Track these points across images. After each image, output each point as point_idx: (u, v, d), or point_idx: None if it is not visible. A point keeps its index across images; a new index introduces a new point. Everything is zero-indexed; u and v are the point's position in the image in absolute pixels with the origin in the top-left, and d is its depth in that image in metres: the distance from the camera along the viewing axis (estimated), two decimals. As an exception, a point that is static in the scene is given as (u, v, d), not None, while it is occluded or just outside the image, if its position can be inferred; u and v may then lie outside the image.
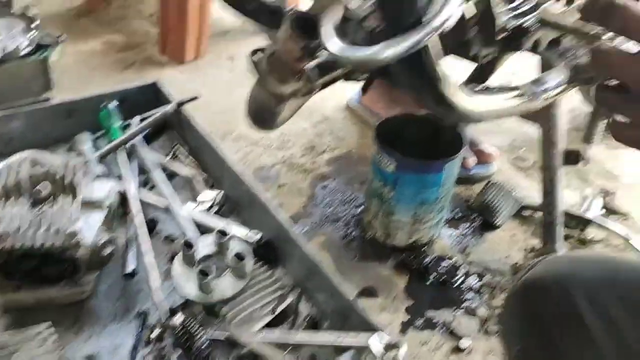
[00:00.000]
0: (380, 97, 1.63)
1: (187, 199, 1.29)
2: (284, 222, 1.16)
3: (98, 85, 1.60)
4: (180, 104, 1.43)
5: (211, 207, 1.28)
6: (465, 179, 1.50)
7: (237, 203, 1.29)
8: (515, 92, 0.84)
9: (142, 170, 1.33)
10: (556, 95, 0.92)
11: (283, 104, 0.82)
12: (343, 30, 0.56)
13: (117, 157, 1.31)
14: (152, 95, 1.50)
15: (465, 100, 0.67)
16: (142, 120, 1.40)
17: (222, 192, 1.29)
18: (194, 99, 1.45)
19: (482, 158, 1.52)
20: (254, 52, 0.76)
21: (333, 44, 0.51)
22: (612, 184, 1.55)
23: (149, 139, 1.43)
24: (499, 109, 0.77)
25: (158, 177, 1.29)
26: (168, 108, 1.38)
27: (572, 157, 1.18)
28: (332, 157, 1.57)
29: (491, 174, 1.53)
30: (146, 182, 1.32)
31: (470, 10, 0.73)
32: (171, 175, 1.36)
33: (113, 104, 1.40)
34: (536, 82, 0.89)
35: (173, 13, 1.79)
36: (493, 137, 1.63)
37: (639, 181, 1.57)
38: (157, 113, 1.39)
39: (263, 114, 0.88)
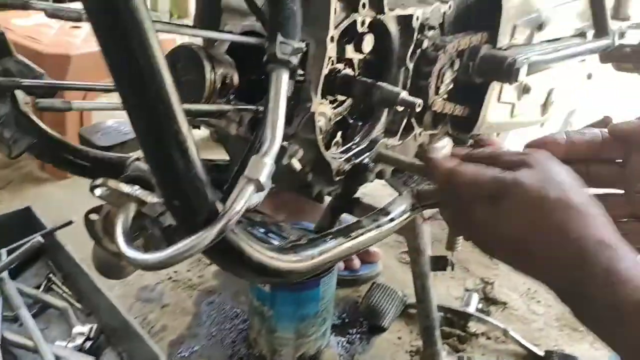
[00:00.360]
0: (265, 204, 1.64)
1: (62, 332, 1.24)
2: (160, 354, 1.12)
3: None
4: (53, 231, 1.38)
5: (86, 340, 1.23)
6: (352, 281, 1.52)
7: (113, 333, 1.24)
8: (360, 230, 0.85)
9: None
10: (403, 221, 0.95)
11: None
12: (141, 225, 0.56)
13: (-19, 296, 1.24)
14: (26, 221, 1.45)
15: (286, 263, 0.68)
16: (9, 252, 1.33)
17: (96, 325, 1.24)
18: (68, 223, 1.41)
19: (367, 258, 1.55)
20: (89, 212, 0.75)
21: (125, 250, 0.51)
22: (491, 273, 1.62)
23: (19, 270, 1.36)
24: (338, 254, 0.79)
25: (24, 315, 1.23)
26: (36, 239, 1.33)
27: (441, 263, 1.22)
28: (219, 269, 1.55)
29: (377, 273, 1.56)
30: (17, 319, 1.26)
31: (296, 164, 0.76)
32: (45, 307, 1.30)
33: (-22, 237, 1.34)
34: (381, 212, 0.92)
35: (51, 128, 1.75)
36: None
37: (516, 268, 1.64)
38: (27, 244, 1.33)
39: (109, 268, 0.86)
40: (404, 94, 0.80)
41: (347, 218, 1.02)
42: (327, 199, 1.09)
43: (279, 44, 0.58)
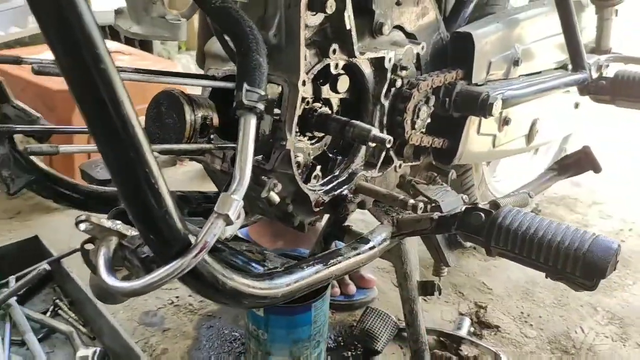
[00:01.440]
0: (265, 231, 1.70)
1: (66, 356, 1.29)
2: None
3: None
4: (60, 258, 1.45)
5: (89, 364, 1.28)
6: (347, 306, 1.57)
7: (116, 356, 1.30)
8: (339, 258, 0.90)
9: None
10: (384, 249, 1.00)
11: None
12: (121, 256, 0.62)
13: (-10, 322, 1.31)
14: (34, 249, 1.52)
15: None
16: (18, 278, 1.40)
17: (99, 348, 1.29)
18: (74, 251, 1.47)
19: (362, 284, 1.59)
20: (85, 242, 0.81)
21: (106, 278, 0.57)
22: (484, 297, 1.65)
23: (27, 296, 1.43)
24: (315, 280, 0.84)
25: (30, 339, 1.29)
26: (43, 266, 1.40)
27: (429, 288, 1.26)
28: (219, 294, 1.60)
29: (372, 299, 1.60)
30: (24, 343, 1.32)
31: (275, 197, 0.81)
32: (51, 332, 1.36)
33: (-11, 265, 1.41)
34: (361, 240, 0.98)
35: (59, 159, 1.84)
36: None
37: (509, 293, 1.67)
38: (35, 271, 1.40)
39: (106, 294, 0.92)
40: (375, 131, 0.86)
41: (340, 245, 1.08)
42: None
43: (245, 91, 0.65)
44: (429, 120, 1.08)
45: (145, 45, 3.10)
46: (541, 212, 2.10)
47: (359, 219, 1.83)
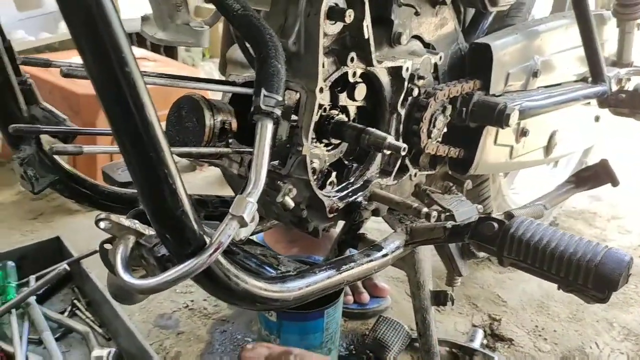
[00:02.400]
0: (281, 237, 1.72)
1: (82, 356, 1.32)
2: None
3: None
4: (80, 259, 1.48)
5: (104, 364, 1.30)
6: (360, 314, 1.57)
7: (131, 358, 1.32)
8: (351, 264, 0.92)
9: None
10: (396, 257, 1.01)
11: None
12: (138, 254, 0.64)
13: (10, 319, 1.34)
14: (55, 250, 1.55)
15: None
16: (37, 278, 1.44)
17: (114, 349, 1.32)
18: (94, 252, 1.50)
19: (376, 292, 1.60)
20: (104, 242, 0.83)
21: (122, 275, 0.59)
22: (499, 309, 1.64)
23: (46, 295, 1.46)
24: (327, 285, 0.85)
25: (47, 338, 1.32)
26: (63, 266, 1.43)
27: (441, 298, 1.27)
28: (234, 299, 1.62)
29: (386, 308, 1.60)
30: (41, 341, 1.35)
31: (289, 202, 0.83)
32: (68, 331, 1.39)
33: (10, 264, 1.44)
34: (374, 247, 0.99)
35: (82, 161, 1.88)
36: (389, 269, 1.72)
37: (523, 306, 1.67)
38: (54, 271, 1.43)
39: (122, 294, 0.94)
40: (390, 139, 0.87)
41: (354, 252, 1.09)
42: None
43: (263, 97, 0.67)
44: (445, 130, 1.09)
45: (170, 52, 3.16)
46: (559, 226, 2.09)
47: (374, 228, 1.84)
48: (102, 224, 0.63)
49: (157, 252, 0.63)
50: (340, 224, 1.13)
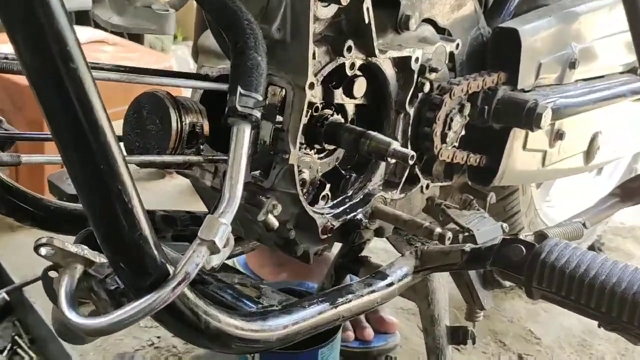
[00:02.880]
0: (267, 260, 1.72)
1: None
2: None
3: None
4: (21, 287, 1.47)
5: (51, 414, 1.30)
6: (362, 354, 1.57)
7: (83, 407, 1.32)
8: (349, 296, 0.91)
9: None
10: (404, 286, 1.01)
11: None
12: (86, 287, 0.64)
13: (-64, 360, 1.34)
14: (-8, 275, 1.55)
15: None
16: (-29, 311, 1.43)
17: (62, 396, 1.31)
18: (39, 279, 1.50)
19: (382, 327, 1.59)
20: (48, 269, 0.82)
21: (67, 313, 0.59)
22: (531, 348, 1.64)
23: (-19, 331, 1.45)
24: (318, 322, 0.85)
25: (-18, 384, 1.31)
26: (2, 296, 1.42)
27: (461, 335, 1.26)
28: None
29: (394, 346, 1.60)
30: (-25, 386, 1.34)
31: (273, 221, 0.83)
32: (8, 374, 1.38)
33: (-62, 293, 1.44)
34: (377, 275, 0.99)
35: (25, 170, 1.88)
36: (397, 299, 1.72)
37: (561, 344, 1.66)
38: (-9, 301, 1.43)
39: (70, 332, 0.94)
40: (396, 145, 0.87)
41: (355, 279, 1.08)
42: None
43: (240, 96, 0.67)
44: (463, 133, 1.09)
45: (135, 34, 3.15)
46: (605, 245, 2.09)
47: (381, 248, 1.84)
48: (42, 250, 0.63)
49: (110, 284, 0.63)
50: (338, 245, 1.13)
